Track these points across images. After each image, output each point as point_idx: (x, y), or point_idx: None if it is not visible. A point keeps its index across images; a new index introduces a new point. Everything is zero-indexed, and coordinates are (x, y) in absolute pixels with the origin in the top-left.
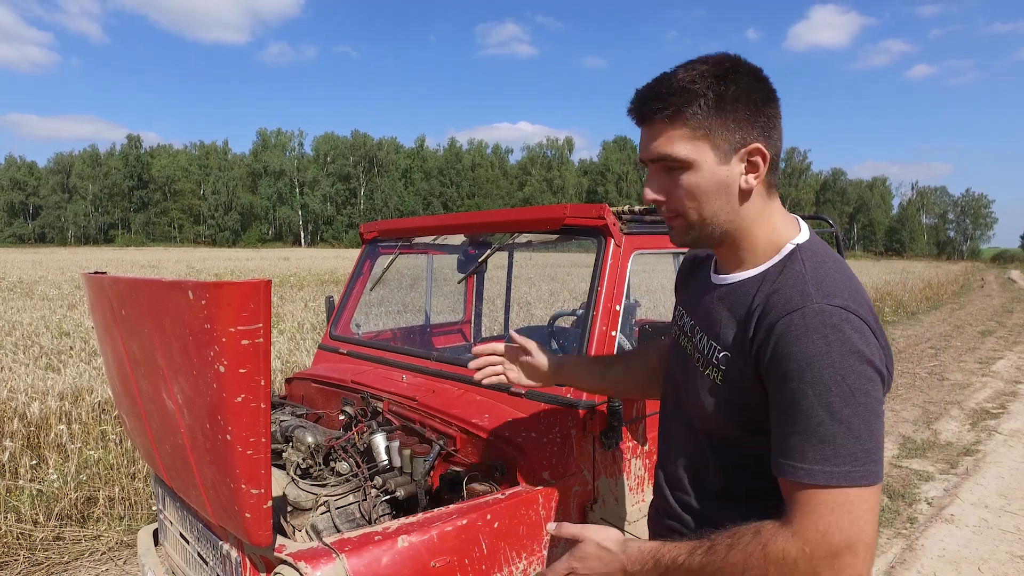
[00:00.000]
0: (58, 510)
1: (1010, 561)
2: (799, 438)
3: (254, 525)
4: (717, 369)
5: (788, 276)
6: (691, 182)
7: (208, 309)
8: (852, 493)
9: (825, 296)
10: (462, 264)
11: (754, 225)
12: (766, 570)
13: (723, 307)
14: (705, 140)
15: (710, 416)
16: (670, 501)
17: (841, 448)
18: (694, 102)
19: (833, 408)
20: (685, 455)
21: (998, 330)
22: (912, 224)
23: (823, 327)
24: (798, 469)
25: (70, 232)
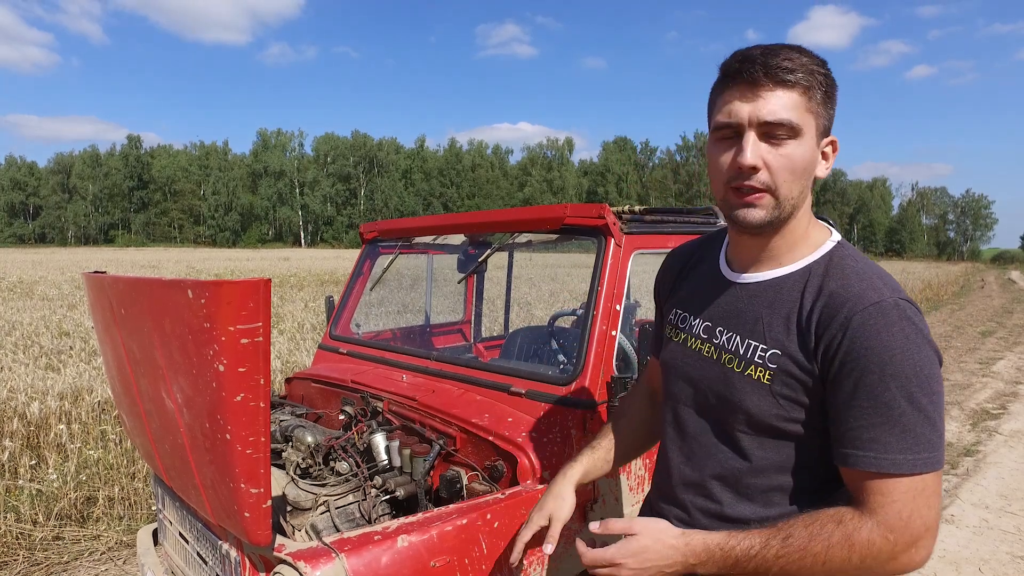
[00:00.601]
0: (57, 510)
1: (1010, 562)
2: (881, 429)
3: (253, 524)
4: (763, 368)
5: (846, 272)
6: (795, 153)
7: (207, 308)
8: (928, 479)
9: (893, 291)
10: (462, 264)
11: (802, 216)
12: (850, 559)
13: (759, 305)
14: (813, 118)
15: (758, 417)
16: (691, 510)
17: (921, 436)
18: (817, 84)
19: (914, 398)
20: (720, 461)
21: (998, 331)
22: (912, 225)
23: (901, 320)
24: (881, 460)
25: (70, 232)
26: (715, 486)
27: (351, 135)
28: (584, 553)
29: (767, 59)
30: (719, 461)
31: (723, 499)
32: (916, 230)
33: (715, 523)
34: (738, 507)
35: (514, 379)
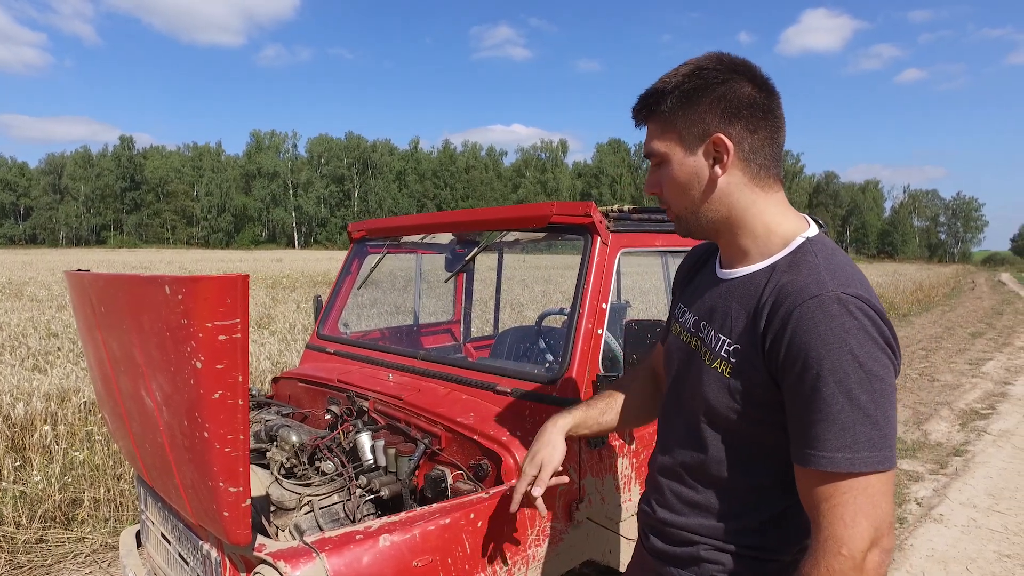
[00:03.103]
0: (41, 512)
1: (997, 560)
2: (820, 426)
3: (233, 524)
4: (726, 362)
5: (801, 267)
6: (667, 175)
7: (185, 304)
8: (873, 479)
9: (840, 285)
10: (449, 263)
11: (747, 215)
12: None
13: (732, 300)
14: (673, 134)
15: (717, 409)
16: (666, 493)
17: (860, 434)
18: (664, 100)
19: (852, 394)
20: (687, 450)
21: (988, 332)
22: (904, 227)
23: (841, 315)
24: (820, 457)
25: (61, 233)
26: (685, 473)
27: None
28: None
29: (640, 100)
30: (687, 450)
31: (694, 486)
32: (908, 232)
33: (687, 509)
34: (707, 495)
35: (500, 378)
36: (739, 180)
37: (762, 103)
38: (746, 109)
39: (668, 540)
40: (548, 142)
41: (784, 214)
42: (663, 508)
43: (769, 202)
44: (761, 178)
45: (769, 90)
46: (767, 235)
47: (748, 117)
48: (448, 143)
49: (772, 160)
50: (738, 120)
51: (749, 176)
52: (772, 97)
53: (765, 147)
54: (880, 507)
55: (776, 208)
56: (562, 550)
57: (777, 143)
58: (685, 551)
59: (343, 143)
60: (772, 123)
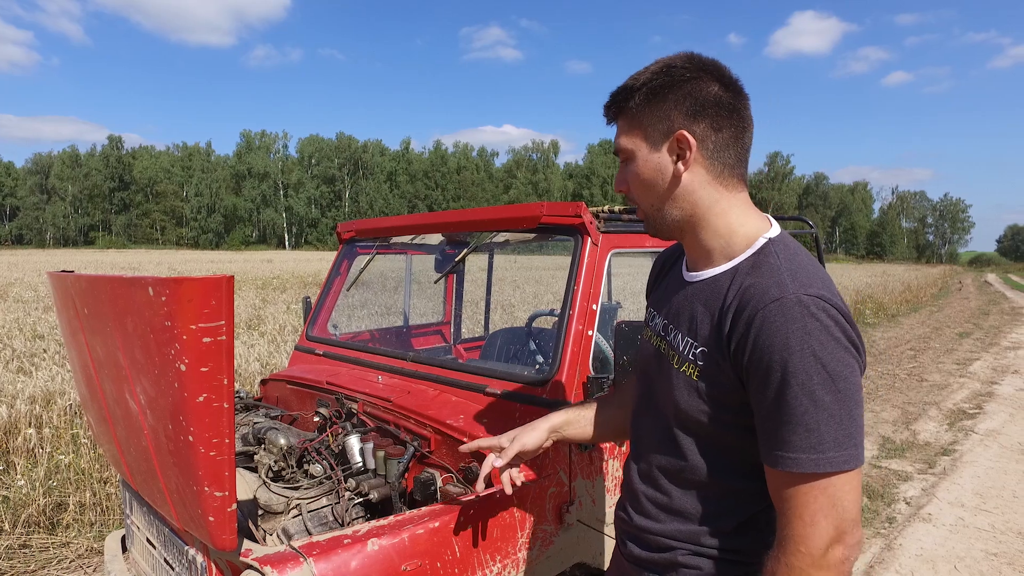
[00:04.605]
0: (25, 516)
1: (985, 559)
2: (786, 428)
3: (218, 529)
4: (693, 365)
5: (763, 268)
6: (631, 171)
7: (168, 306)
8: (836, 479)
9: (801, 286)
10: (439, 264)
11: (710, 213)
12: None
13: (697, 303)
14: (640, 130)
15: (686, 412)
16: (641, 499)
17: (825, 434)
18: (632, 97)
19: (816, 396)
20: (660, 453)
21: (975, 332)
22: (892, 228)
23: (802, 316)
24: (786, 458)
25: (49, 234)
26: (661, 478)
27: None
28: None
29: (610, 97)
30: (662, 454)
31: (670, 491)
32: (896, 233)
33: (663, 514)
34: (683, 500)
35: (490, 380)
36: (702, 178)
37: (728, 103)
38: (711, 107)
39: (645, 546)
40: (539, 143)
41: (747, 214)
42: (639, 514)
43: (732, 202)
44: (725, 177)
45: (737, 91)
46: (730, 235)
47: (713, 115)
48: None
49: (737, 160)
50: (703, 118)
51: (712, 174)
52: (740, 98)
53: (730, 146)
54: (842, 505)
55: (739, 208)
56: (552, 553)
57: (743, 143)
58: (663, 557)
59: (334, 144)
60: (738, 123)
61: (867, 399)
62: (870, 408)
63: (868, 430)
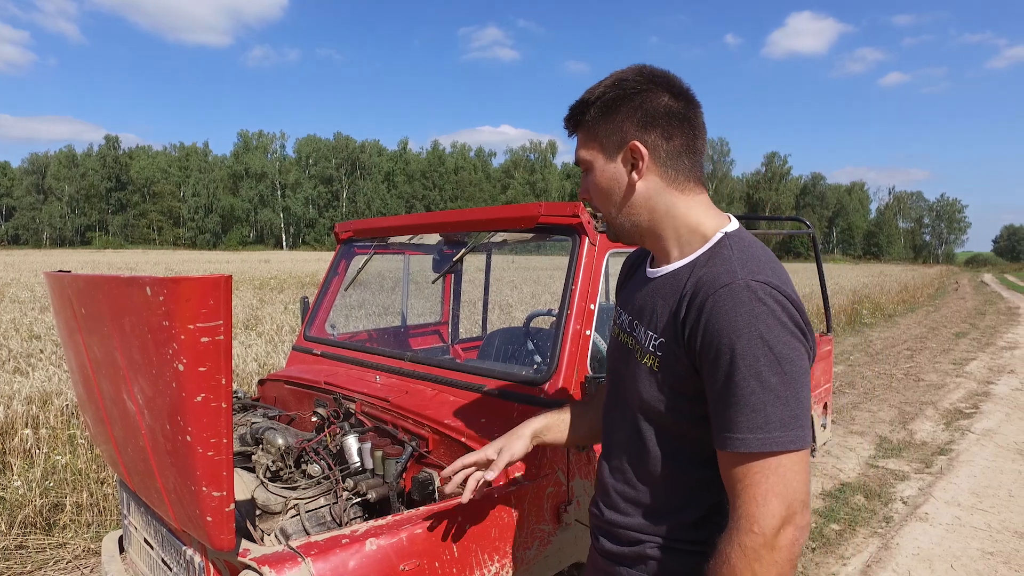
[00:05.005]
0: (22, 517)
1: (981, 558)
2: (733, 411)
3: (216, 529)
4: (653, 356)
5: (716, 259)
6: (591, 182)
7: (166, 306)
8: (784, 458)
9: (750, 273)
10: (437, 264)
11: (667, 217)
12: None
13: (658, 297)
14: (596, 142)
15: (648, 403)
16: (611, 493)
17: (771, 414)
18: (588, 110)
19: (763, 377)
20: (627, 446)
21: (971, 332)
22: (889, 228)
23: (750, 300)
24: (733, 440)
25: (45, 234)
26: (629, 472)
27: (333, 137)
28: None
29: (568, 111)
30: (629, 448)
31: (636, 484)
32: (893, 233)
33: (631, 508)
34: (648, 492)
35: (488, 379)
36: (657, 185)
37: (679, 112)
38: (662, 118)
39: (616, 540)
40: (537, 143)
41: (706, 214)
42: (610, 509)
43: (690, 204)
44: (680, 182)
45: (688, 100)
46: (689, 234)
47: (664, 125)
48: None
49: (691, 165)
50: (654, 128)
51: (667, 181)
52: (691, 106)
53: (682, 154)
54: (792, 485)
55: (698, 209)
56: (550, 553)
57: (695, 149)
58: (632, 550)
59: (331, 144)
60: (689, 131)
61: (865, 399)
62: (867, 408)
63: (865, 430)
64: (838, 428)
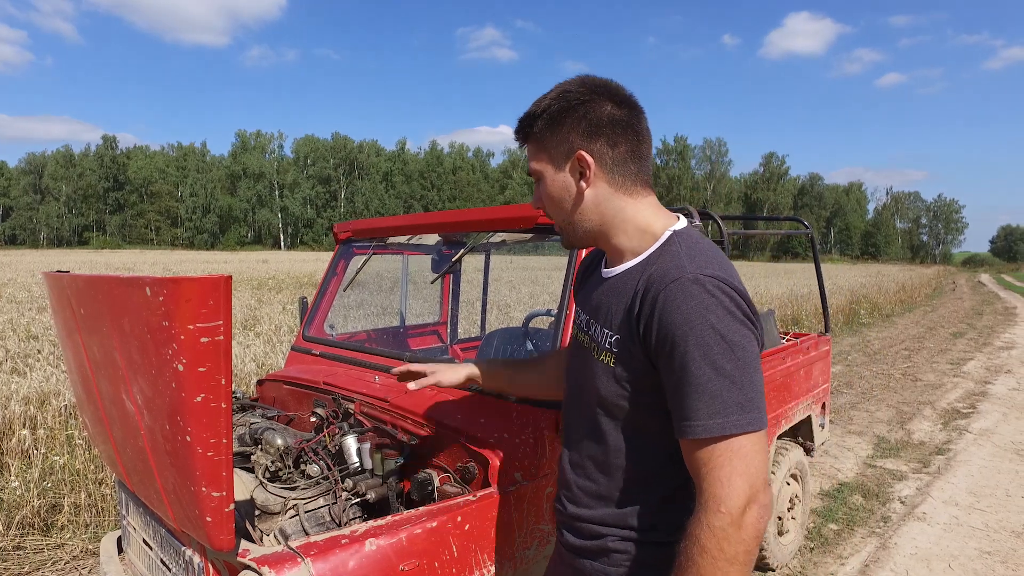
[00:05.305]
0: (19, 518)
1: (979, 557)
2: (692, 398)
3: (216, 529)
4: (609, 353)
5: (666, 256)
6: (543, 191)
7: (166, 306)
8: (743, 440)
9: (698, 268)
10: (436, 264)
11: (617, 220)
12: (717, 560)
13: (612, 296)
14: (545, 153)
15: (607, 399)
16: (573, 488)
17: (728, 400)
18: (535, 123)
19: (717, 364)
20: (587, 441)
21: (969, 332)
22: (887, 228)
23: (699, 293)
24: (695, 427)
25: (42, 234)
26: (590, 466)
27: (331, 137)
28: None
29: (517, 123)
30: (589, 443)
31: (597, 477)
32: (891, 234)
33: (593, 501)
34: (609, 485)
35: None
36: (605, 191)
37: (622, 120)
38: (606, 126)
39: (579, 534)
40: None
41: (655, 215)
42: (572, 503)
43: (639, 207)
44: (627, 187)
45: (631, 106)
46: (639, 235)
47: (609, 133)
48: (435, 144)
49: (637, 170)
50: (599, 137)
51: (615, 187)
52: (634, 113)
53: (628, 159)
54: (754, 465)
55: (646, 211)
56: (550, 552)
57: (640, 154)
58: (595, 544)
59: (329, 144)
60: (634, 137)
61: (862, 399)
62: (865, 408)
63: (863, 430)
64: (836, 428)
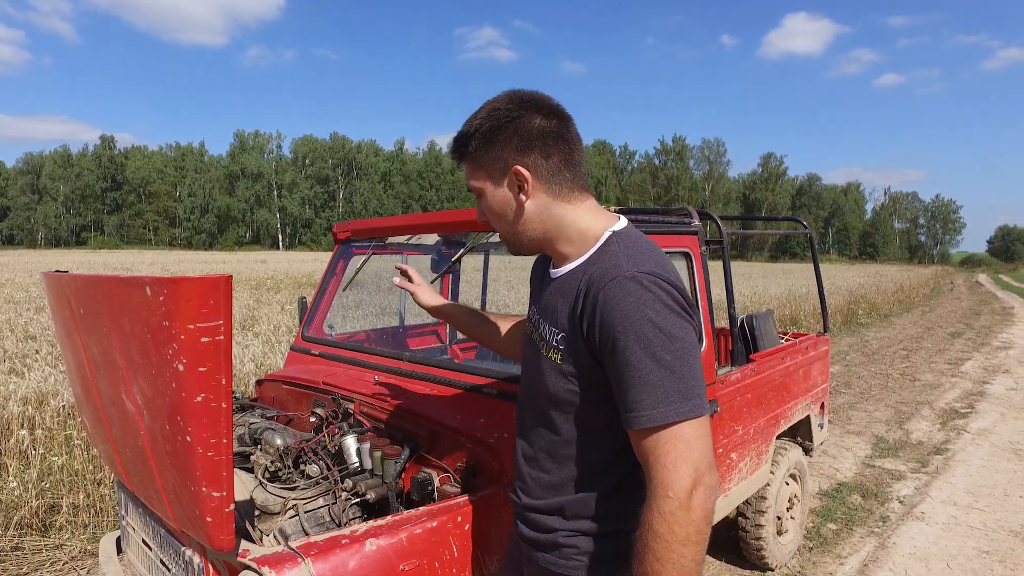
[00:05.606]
0: (17, 519)
1: (977, 557)
2: (635, 390)
3: (216, 529)
4: (556, 350)
5: (605, 256)
6: (484, 207)
7: (166, 306)
8: (685, 426)
9: (635, 265)
10: (435, 264)
11: (560, 226)
12: (671, 544)
13: (558, 296)
14: (482, 171)
15: (555, 394)
16: (527, 480)
17: (669, 389)
18: (469, 143)
19: (657, 356)
20: (539, 435)
21: (966, 332)
22: (885, 229)
23: (636, 290)
24: (639, 417)
25: (40, 234)
26: (543, 458)
27: (330, 137)
28: None
29: (452, 143)
30: (540, 435)
31: (549, 468)
32: (889, 234)
33: (544, 492)
34: (561, 474)
35: (487, 380)
36: (544, 200)
37: (552, 130)
38: (538, 139)
39: (533, 527)
40: None
41: (595, 218)
42: (526, 494)
43: (578, 212)
44: (564, 194)
45: (560, 116)
46: (581, 238)
47: (540, 146)
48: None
49: (572, 176)
50: (532, 150)
51: (553, 195)
52: (563, 122)
53: (562, 168)
54: (697, 450)
55: (586, 215)
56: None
57: (574, 161)
58: (547, 537)
59: (328, 144)
60: (565, 146)
61: (861, 399)
62: (863, 408)
63: (861, 429)
64: (835, 428)
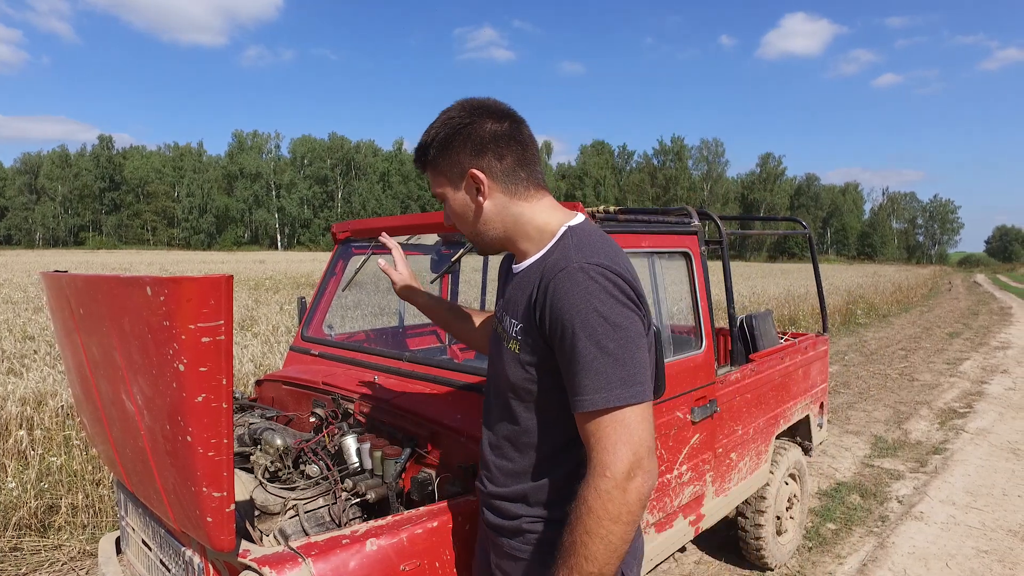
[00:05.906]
0: (16, 519)
1: (975, 556)
2: (581, 376)
3: (216, 529)
4: (515, 340)
5: (558, 249)
6: (448, 210)
7: (167, 305)
8: (627, 412)
9: (584, 257)
10: (435, 264)
11: (519, 224)
12: (601, 520)
13: (518, 289)
14: (443, 176)
15: (515, 383)
16: (492, 468)
17: (612, 376)
18: (428, 152)
19: (601, 344)
20: (502, 423)
21: (965, 332)
22: (883, 229)
23: (584, 280)
24: (584, 401)
25: (38, 234)
26: (506, 446)
27: (328, 137)
28: None
29: (414, 153)
30: (504, 425)
31: (512, 457)
32: (887, 234)
33: (508, 479)
34: (523, 462)
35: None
36: (502, 201)
37: (504, 133)
38: (490, 142)
39: (498, 513)
40: None
41: (551, 215)
42: (491, 483)
43: (535, 209)
44: (521, 193)
45: (511, 119)
46: (539, 234)
47: (493, 148)
48: None
49: (528, 175)
50: (485, 153)
51: (510, 195)
52: (514, 125)
53: (517, 168)
54: (638, 434)
55: (544, 212)
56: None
57: (527, 161)
58: (511, 524)
59: (326, 144)
60: (517, 147)
61: (860, 399)
62: (862, 408)
63: (860, 429)
64: (834, 428)
